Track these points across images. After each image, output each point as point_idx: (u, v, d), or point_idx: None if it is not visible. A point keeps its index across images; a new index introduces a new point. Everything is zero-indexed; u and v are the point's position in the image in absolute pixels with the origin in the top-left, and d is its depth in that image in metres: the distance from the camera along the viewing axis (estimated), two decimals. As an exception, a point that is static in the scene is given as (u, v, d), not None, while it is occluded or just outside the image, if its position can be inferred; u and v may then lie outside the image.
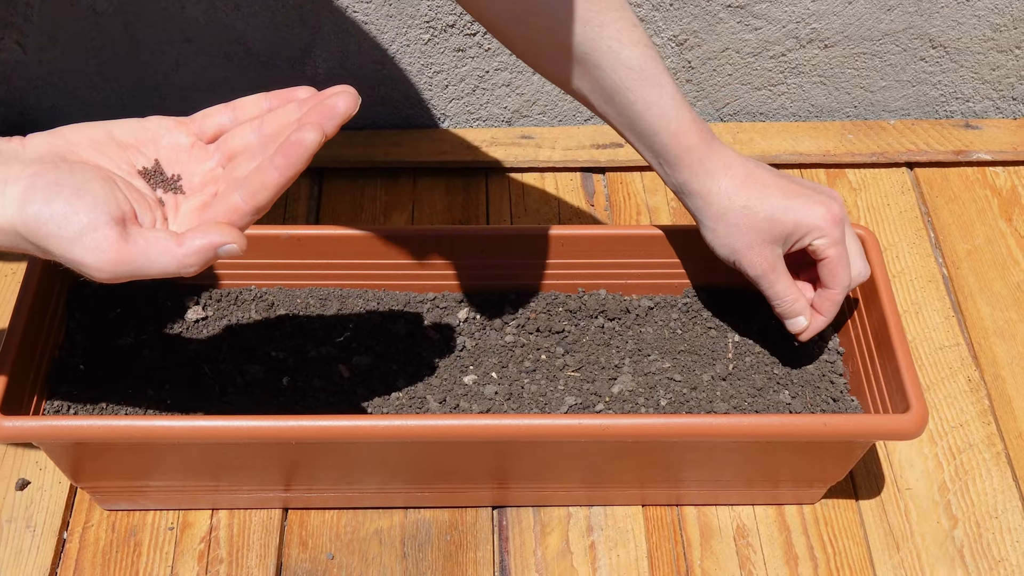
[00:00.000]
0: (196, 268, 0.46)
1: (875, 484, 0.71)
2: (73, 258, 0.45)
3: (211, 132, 0.53)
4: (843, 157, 0.92)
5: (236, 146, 0.51)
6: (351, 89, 0.48)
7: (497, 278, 0.73)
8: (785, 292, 0.66)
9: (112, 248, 0.45)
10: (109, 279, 0.46)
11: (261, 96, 0.53)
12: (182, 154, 0.52)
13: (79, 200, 0.45)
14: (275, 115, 0.51)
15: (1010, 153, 0.93)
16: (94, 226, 0.45)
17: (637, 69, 0.63)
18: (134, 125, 0.52)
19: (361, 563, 0.67)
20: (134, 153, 0.52)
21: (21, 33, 0.88)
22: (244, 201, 0.47)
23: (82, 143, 0.50)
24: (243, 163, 0.50)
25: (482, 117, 0.96)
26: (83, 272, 0.46)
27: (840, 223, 0.64)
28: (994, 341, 0.80)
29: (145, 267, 0.45)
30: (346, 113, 0.47)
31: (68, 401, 0.66)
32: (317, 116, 0.47)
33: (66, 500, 0.69)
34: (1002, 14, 0.91)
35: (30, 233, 0.45)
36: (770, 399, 0.68)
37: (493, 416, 0.63)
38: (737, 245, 0.65)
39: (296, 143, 0.46)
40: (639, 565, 0.67)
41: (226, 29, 0.88)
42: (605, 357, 0.70)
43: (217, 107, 0.53)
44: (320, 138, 0.46)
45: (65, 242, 0.45)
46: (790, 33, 0.91)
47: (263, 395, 0.67)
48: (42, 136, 0.50)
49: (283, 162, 0.46)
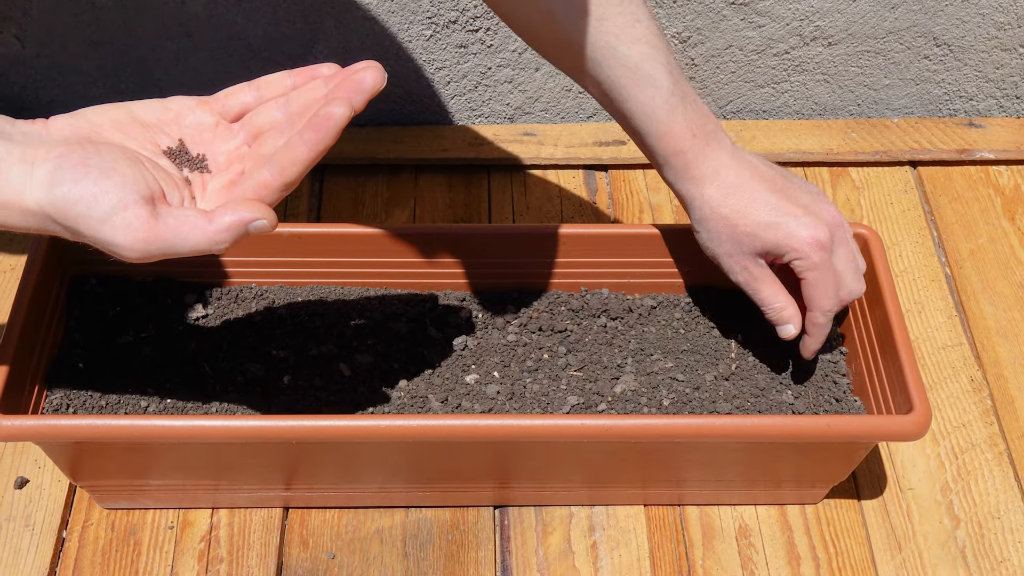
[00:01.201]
0: (227, 244, 0.46)
1: (877, 484, 0.71)
2: (103, 238, 0.45)
3: (235, 111, 0.53)
4: (846, 155, 0.92)
5: (262, 124, 0.51)
6: (377, 64, 0.48)
7: (499, 277, 0.73)
8: (771, 299, 0.65)
9: (143, 227, 0.45)
10: (140, 258, 0.45)
11: (285, 73, 0.53)
12: (206, 133, 0.52)
13: (108, 180, 0.45)
14: (301, 92, 0.51)
15: (1014, 152, 0.93)
16: (124, 205, 0.45)
17: (632, 68, 0.62)
18: (156, 105, 0.52)
19: (362, 562, 0.67)
20: (157, 133, 0.51)
21: (20, 27, 0.87)
22: (273, 177, 0.47)
23: (105, 124, 0.50)
24: (270, 140, 0.50)
25: (484, 114, 0.96)
26: (113, 252, 0.46)
27: (823, 248, 0.62)
28: (997, 341, 0.80)
29: (176, 245, 0.45)
30: (374, 88, 0.47)
31: (67, 400, 0.65)
32: (345, 91, 0.47)
33: (65, 499, 0.69)
34: (1006, 12, 0.90)
35: (59, 215, 0.45)
36: (773, 399, 0.68)
37: (495, 416, 0.63)
38: (718, 251, 0.65)
39: (325, 117, 0.46)
40: (641, 565, 0.67)
41: (227, 24, 0.88)
42: (607, 357, 0.70)
43: (240, 85, 0.53)
44: (349, 112, 0.46)
45: (95, 222, 0.45)
46: (794, 31, 0.91)
47: (264, 394, 0.67)
48: (65, 118, 0.49)
49: (313, 137, 0.46)
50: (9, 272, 0.82)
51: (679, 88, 0.63)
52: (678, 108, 0.63)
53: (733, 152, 0.64)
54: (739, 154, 0.65)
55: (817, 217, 0.63)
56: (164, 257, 0.46)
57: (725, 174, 0.63)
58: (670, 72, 0.63)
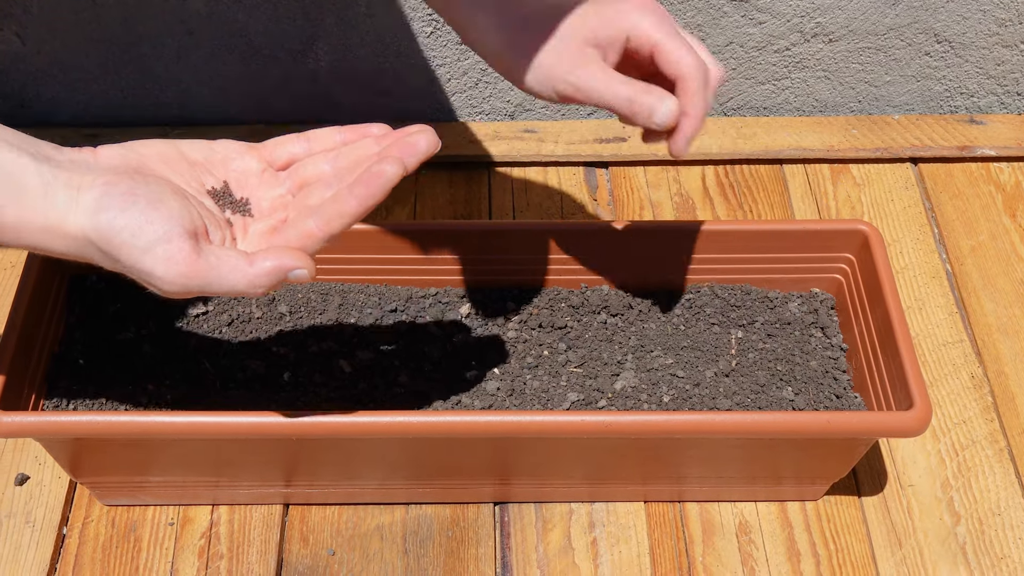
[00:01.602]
0: (265, 289, 0.46)
1: (878, 481, 0.71)
2: (143, 268, 0.45)
3: (282, 160, 0.54)
4: (847, 152, 0.92)
5: (309, 175, 0.52)
6: (430, 128, 0.49)
7: (499, 273, 0.73)
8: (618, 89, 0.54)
9: (185, 261, 0.45)
10: (178, 292, 0.46)
11: (335, 129, 0.54)
12: (251, 178, 0.53)
13: (155, 211, 0.45)
14: (352, 148, 0.52)
15: (1015, 149, 0.92)
16: (168, 237, 0.45)
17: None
18: (203, 146, 0.53)
19: (362, 559, 0.67)
20: (203, 173, 0.52)
21: (20, 24, 0.87)
22: (319, 227, 0.47)
23: (152, 157, 0.50)
24: (316, 192, 0.50)
25: (485, 111, 0.96)
26: (151, 284, 0.46)
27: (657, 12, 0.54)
28: (997, 337, 0.79)
29: (215, 283, 0.46)
30: (427, 151, 0.48)
31: (67, 396, 0.65)
32: (399, 151, 0.48)
33: (66, 495, 0.69)
34: (1007, 9, 0.90)
35: (102, 241, 0.45)
36: (773, 396, 0.68)
37: (495, 412, 0.63)
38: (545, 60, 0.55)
39: (377, 174, 0.47)
40: (641, 561, 0.67)
41: (227, 21, 0.88)
42: (608, 353, 0.70)
43: (290, 136, 0.54)
44: (401, 172, 0.47)
45: (138, 252, 0.45)
46: (794, 27, 0.91)
47: (264, 390, 0.67)
48: (113, 148, 0.50)
49: (363, 192, 0.47)
50: (10, 269, 0.82)
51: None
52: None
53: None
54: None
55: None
56: (200, 294, 0.46)
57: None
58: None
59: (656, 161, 0.92)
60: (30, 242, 0.46)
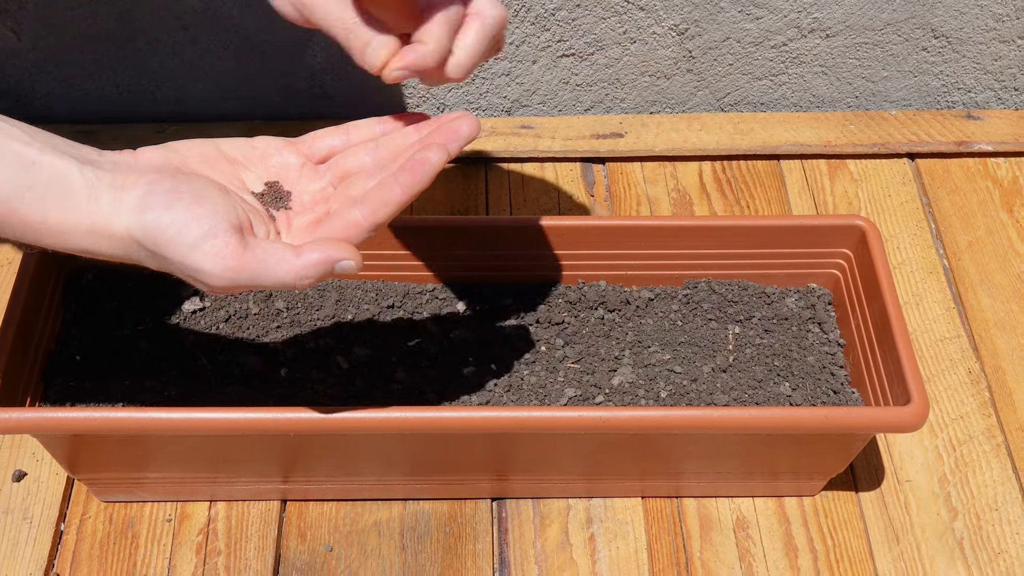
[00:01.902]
0: (312, 281, 0.46)
1: (875, 476, 0.71)
2: (192, 264, 0.45)
3: (321, 153, 0.54)
4: (844, 148, 0.92)
5: (350, 166, 0.52)
6: (471, 114, 0.49)
7: (496, 269, 0.73)
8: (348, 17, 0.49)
9: (233, 255, 0.45)
10: (226, 287, 0.45)
11: (373, 120, 0.54)
12: (292, 173, 0.53)
13: (199, 207, 0.45)
14: (391, 138, 0.52)
15: (1012, 144, 0.92)
16: (215, 232, 0.45)
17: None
18: (243, 143, 0.53)
19: (360, 555, 0.67)
20: (243, 169, 0.52)
21: (16, 20, 0.87)
22: (364, 217, 0.47)
23: (192, 156, 0.50)
24: (358, 183, 0.50)
25: (481, 106, 0.95)
26: (199, 280, 0.46)
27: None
28: (995, 333, 0.80)
29: (263, 276, 0.45)
30: (469, 135, 0.48)
31: (64, 393, 0.65)
32: (442, 137, 0.48)
33: (63, 492, 0.69)
34: (1005, 4, 0.90)
35: (148, 240, 0.45)
36: (770, 391, 0.68)
37: (492, 408, 0.63)
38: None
39: (422, 161, 0.46)
40: (638, 557, 0.67)
41: (223, 17, 0.88)
42: (605, 349, 0.70)
43: (328, 129, 0.54)
44: (445, 158, 0.47)
45: (185, 248, 0.45)
46: (791, 23, 0.91)
47: (261, 387, 0.67)
48: (153, 149, 0.50)
49: (408, 179, 0.46)
50: (6, 266, 0.82)
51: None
52: None
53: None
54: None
55: None
56: (249, 288, 0.46)
57: None
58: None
59: (653, 157, 0.92)
60: (77, 245, 0.46)
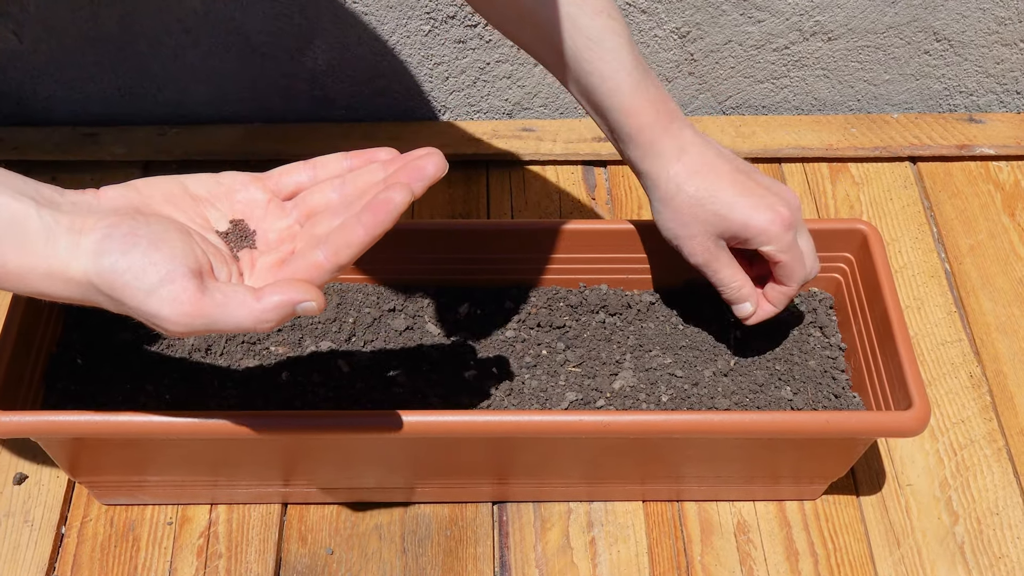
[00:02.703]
0: (273, 324, 0.45)
1: (876, 480, 0.71)
2: (148, 310, 0.44)
3: (288, 189, 0.53)
4: (846, 151, 0.92)
5: (316, 204, 0.51)
6: (438, 151, 0.48)
7: (498, 272, 0.73)
8: (730, 279, 0.65)
9: (190, 300, 0.44)
10: (183, 332, 0.45)
11: (341, 155, 0.53)
12: (258, 210, 0.52)
13: (157, 251, 0.45)
14: (358, 175, 0.51)
15: (1014, 148, 0.92)
16: (172, 278, 0.44)
17: (595, 40, 0.60)
18: (208, 180, 0.52)
19: (360, 558, 0.67)
20: (208, 207, 0.51)
21: (17, 23, 0.87)
22: (327, 258, 0.47)
23: (156, 196, 0.50)
24: (324, 221, 0.50)
25: (483, 109, 0.95)
26: (155, 325, 0.45)
27: (790, 227, 0.62)
28: (996, 337, 0.79)
29: (221, 321, 0.45)
30: (435, 175, 0.48)
31: (65, 396, 0.65)
32: (406, 176, 0.47)
33: (64, 495, 0.69)
34: (1007, 7, 0.90)
35: (105, 284, 0.44)
36: (772, 395, 0.68)
37: (493, 412, 0.63)
38: (680, 232, 0.64)
39: (385, 201, 0.46)
40: (639, 561, 0.67)
41: (224, 19, 0.88)
42: (606, 352, 0.70)
43: (295, 164, 0.53)
44: (409, 199, 0.46)
45: (141, 294, 0.44)
46: (793, 26, 0.91)
47: (261, 390, 0.67)
48: (116, 188, 0.49)
49: (371, 220, 0.46)
50: (7, 268, 0.82)
51: (641, 63, 0.62)
52: (642, 83, 0.62)
53: (696, 132, 0.64)
54: (701, 134, 0.64)
55: (781, 198, 0.63)
56: (208, 332, 0.45)
57: (691, 152, 0.63)
58: (631, 46, 0.62)
59: (655, 160, 0.91)
60: (35, 288, 0.45)
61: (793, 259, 0.63)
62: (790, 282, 0.64)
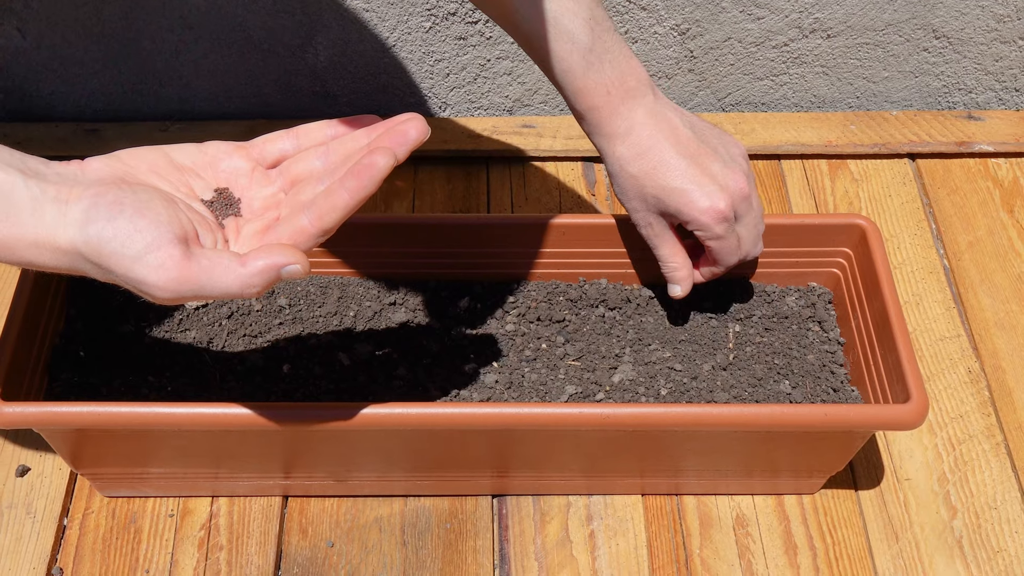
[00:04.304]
0: (259, 289, 0.46)
1: (875, 474, 0.72)
2: (135, 276, 0.45)
3: (272, 158, 0.53)
4: (845, 148, 0.92)
5: (300, 171, 0.52)
6: (420, 116, 0.49)
7: (498, 267, 0.73)
8: (668, 258, 0.67)
9: (176, 266, 0.45)
10: (171, 298, 0.45)
11: (325, 123, 0.54)
12: (242, 179, 0.52)
13: (142, 218, 0.45)
14: (342, 142, 0.51)
15: (1012, 144, 0.93)
16: (158, 244, 0.45)
17: (552, 21, 0.61)
18: (192, 149, 0.53)
19: (361, 551, 0.67)
20: (192, 176, 0.52)
21: (21, 19, 0.88)
22: (311, 223, 0.47)
23: (140, 166, 0.50)
24: (308, 188, 0.50)
25: (483, 106, 0.96)
26: (143, 292, 0.45)
27: (723, 220, 0.63)
28: (995, 332, 0.80)
29: (208, 286, 0.45)
30: (418, 139, 0.48)
31: (68, 388, 0.66)
32: (389, 141, 0.48)
33: (66, 487, 0.69)
34: (1006, 5, 0.90)
35: (92, 253, 0.45)
36: (770, 389, 0.68)
37: (493, 404, 0.63)
38: (626, 204, 0.67)
39: (369, 166, 0.46)
40: (638, 554, 0.67)
41: (227, 16, 0.88)
42: (606, 346, 0.70)
43: (279, 133, 0.54)
44: (392, 163, 0.46)
45: (127, 260, 0.44)
46: (793, 23, 0.91)
47: (263, 382, 0.67)
48: (100, 159, 0.50)
49: (355, 184, 0.46)
50: (10, 262, 0.82)
51: (600, 44, 0.62)
52: (595, 65, 0.62)
53: (651, 110, 0.64)
54: (659, 112, 0.64)
55: (722, 188, 0.63)
56: (196, 298, 0.46)
57: (639, 132, 0.63)
58: (591, 28, 0.62)
59: (655, 156, 0.92)
60: (22, 257, 0.46)
61: (722, 247, 0.65)
62: (719, 265, 0.67)
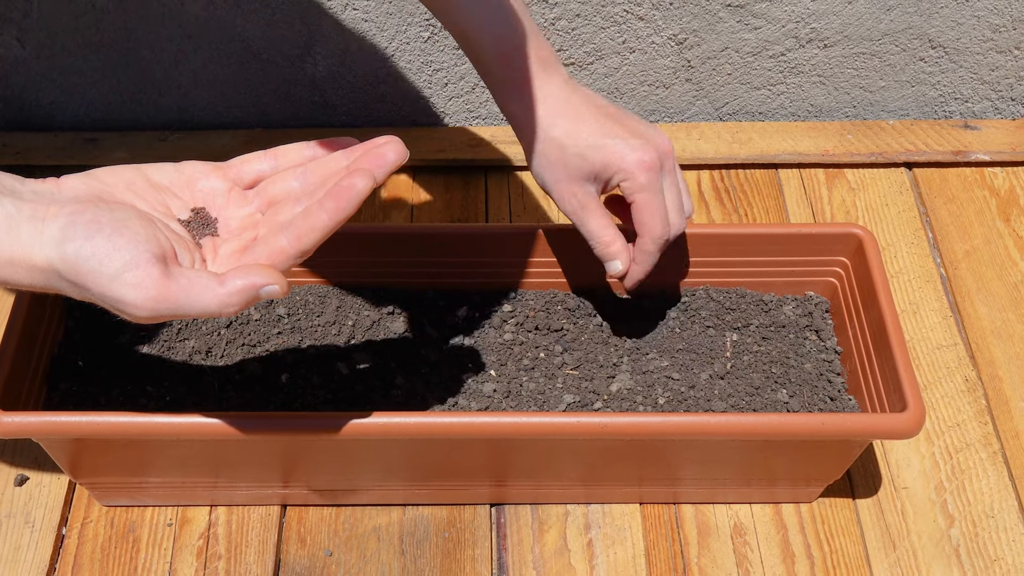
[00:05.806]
0: (237, 308, 0.46)
1: (872, 483, 0.72)
2: (113, 295, 0.44)
3: (249, 178, 0.53)
4: (842, 157, 0.92)
5: (278, 192, 0.52)
6: (398, 139, 0.49)
7: (496, 276, 0.73)
8: (598, 233, 0.64)
9: (155, 285, 0.44)
10: (148, 317, 0.45)
11: (302, 144, 0.54)
12: (219, 198, 0.53)
13: (120, 237, 0.45)
14: (320, 163, 0.52)
15: (1008, 154, 0.93)
16: (136, 263, 0.44)
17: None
18: (169, 169, 0.53)
19: (359, 560, 0.67)
20: (169, 196, 0.52)
21: (20, 29, 0.88)
22: (290, 244, 0.47)
23: (117, 185, 0.50)
24: (286, 208, 0.50)
25: (482, 115, 0.96)
26: (120, 310, 0.45)
27: (651, 169, 0.62)
28: (991, 341, 0.80)
29: (186, 306, 0.45)
30: (396, 162, 0.48)
31: (67, 397, 0.66)
32: (368, 163, 0.48)
33: (65, 496, 0.69)
34: (1001, 15, 0.91)
35: (69, 271, 0.45)
36: (768, 398, 0.68)
37: (491, 414, 0.63)
38: (547, 178, 0.64)
39: (347, 187, 0.46)
40: (636, 563, 0.67)
41: (225, 26, 0.88)
42: (603, 355, 0.70)
43: (256, 153, 0.54)
44: (371, 185, 0.47)
45: (105, 279, 0.44)
46: (789, 33, 0.92)
47: (262, 392, 0.67)
48: (77, 177, 0.50)
49: (333, 206, 0.46)
50: (9, 272, 0.82)
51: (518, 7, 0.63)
52: (517, 30, 0.62)
53: (567, 80, 0.64)
54: (573, 84, 0.65)
55: (647, 141, 0.63)
56: (173, 317, 0.46)
57: (557, 96, 0.63)
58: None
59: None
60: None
61: (649, 203, 0.62)
62: (644, 232, 0.63)
